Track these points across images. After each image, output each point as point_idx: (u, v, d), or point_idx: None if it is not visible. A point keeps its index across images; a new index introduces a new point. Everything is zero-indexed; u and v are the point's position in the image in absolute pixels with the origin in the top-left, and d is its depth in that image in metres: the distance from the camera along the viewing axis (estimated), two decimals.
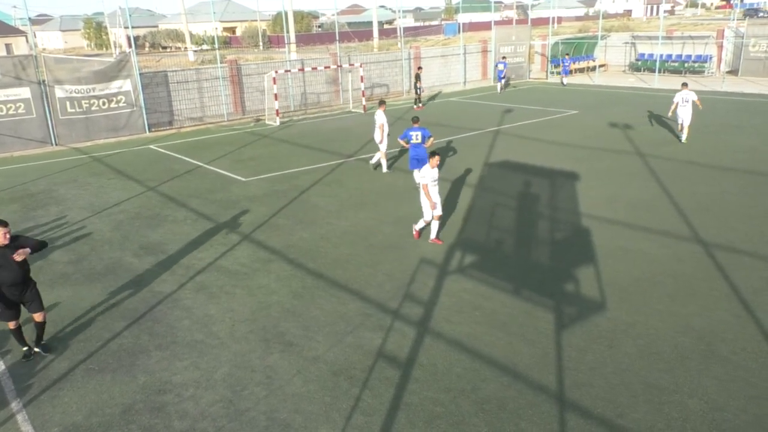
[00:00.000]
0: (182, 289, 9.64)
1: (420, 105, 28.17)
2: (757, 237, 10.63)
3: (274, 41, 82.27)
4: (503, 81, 32.38)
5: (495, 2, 43.32)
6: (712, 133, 19.34)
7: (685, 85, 18.40)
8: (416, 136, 13.90)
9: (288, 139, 21.94)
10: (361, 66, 28.27)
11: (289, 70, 27.70)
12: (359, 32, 73.28)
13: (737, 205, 12.38)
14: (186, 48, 61.24)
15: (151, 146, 21.54)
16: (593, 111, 24.59)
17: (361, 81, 28.04)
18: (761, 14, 38.00)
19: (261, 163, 18.14)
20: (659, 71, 33.93)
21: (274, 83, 25.28)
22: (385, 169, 16.35)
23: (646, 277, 9.29)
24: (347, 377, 7.08)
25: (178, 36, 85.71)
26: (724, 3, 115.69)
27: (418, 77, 28.43)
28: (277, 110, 25.37)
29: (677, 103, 18.08)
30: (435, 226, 10.99)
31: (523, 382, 6.83)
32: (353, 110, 28.12)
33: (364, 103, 27.89)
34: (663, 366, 6.99)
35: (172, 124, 25.35)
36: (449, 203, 13.36)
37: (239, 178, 16.45)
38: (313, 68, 28.62)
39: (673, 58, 36.71)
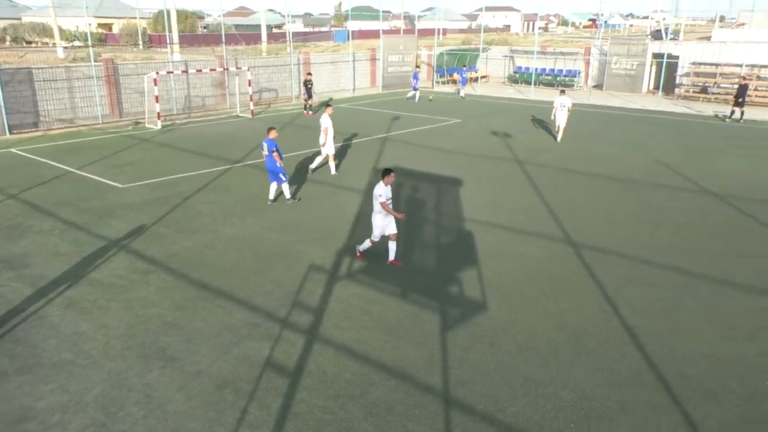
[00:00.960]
0: (49, 306, 8.87)
1: (310, 112, 27.37)
2: (619, 237, 11.59)
3: (155, 41, 78.40)
4: (417, 91, 31.76)
5: (383, 11, 44.16)
6: (581, 142, 20.87)
7: (563, 92, 21.17)
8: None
9: (170, 143, 20.96)
10: (249, 70, 27.66)
11: (172, 72, 26.51)
12: (247, 35, 71.72)
13: (602, 209, 13.43)
14: (54, 44, 56.82)
15: (13, 150, 19.70)
16: (476, 120, 25.70)
17: (249, 85, 27.42)
18: (672, 36, 41.52)
19: (140, 168, 17.18)
20: (535, 84, 36.16)
21: (155, 85, 24.02)
22: (333, 171, 16.44)
23: (524, 278, 9.82)
24: (233, 390, 6.84)
25: (45, 30, 79.16)
26: (590, 23, 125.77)
27: (306, 83, 27.73)
28: (158, 113, 24.14)
29: (557, 108, 20.74)
30: (393, 247, 10.34)
31: (410, 383, 6.96)
32: (241, 115, 27.43)
33: (252, 107, 27.29)
34: (539, 361, 7.40)
35: (38, 125, 23.34)
36: (340, 209, 13.38)
37: (116, 184, 15.46)
38: (197, 70, 27.59)
39: (547, 71, 39.28)
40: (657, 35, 44.97)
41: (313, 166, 16.59)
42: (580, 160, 18.07)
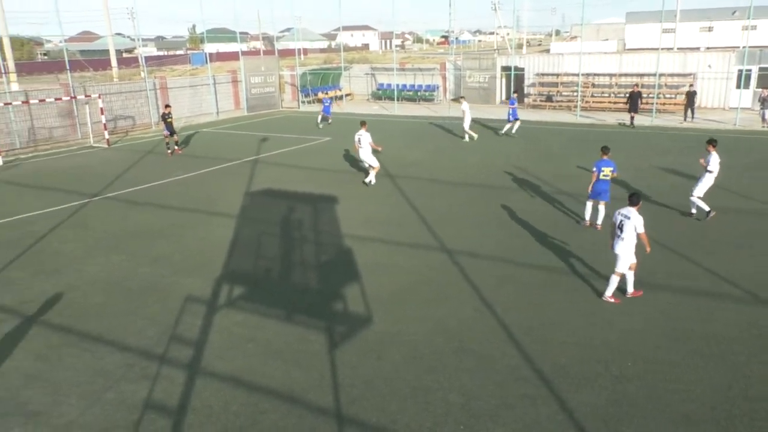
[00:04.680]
0: None
1: (176, 148, 23.36)
2: (487, 241, 12.29)
3: None
4: (328, 116, 30.17)
5: (241, 33, 43.54)
6: (445, 153, 21.90)
7: (462, 98, 25.24)
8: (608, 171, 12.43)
9: (15, 180, 19.11)
10: (100, 97, 25.96)
11: (10, 103, 24.21)
12: (94, 61, 67.38)
13: (469, 215, 14.17)
14: None
15: None
16: (344, 138, 26.00)
17: (102, 113, 25.73)
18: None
19: None
20: (397, 99, 37.43)
21: None
22: (371, 180, 17.12)
23: (403, 288, 10.09)
24: None
25: None
26: (443, 40, 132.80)
27: (165, 117, 22.94)
28: None
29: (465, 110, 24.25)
30: (631, 277, 9.39)
31: (302, 407, 6.87)
32: (95, 145, 25.65)
33: (107, 136, 25.62)
34: (425, 367, 7.63)
35: None
36: (213, 237, 12.93)
37: None
38: (40, 100, 25.43)
39: (408, 87, 40.84)
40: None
41: (370, 180, 17.22)
42: (447, 171, 18.95)
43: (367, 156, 16.99)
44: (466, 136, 24.62)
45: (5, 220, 14.42)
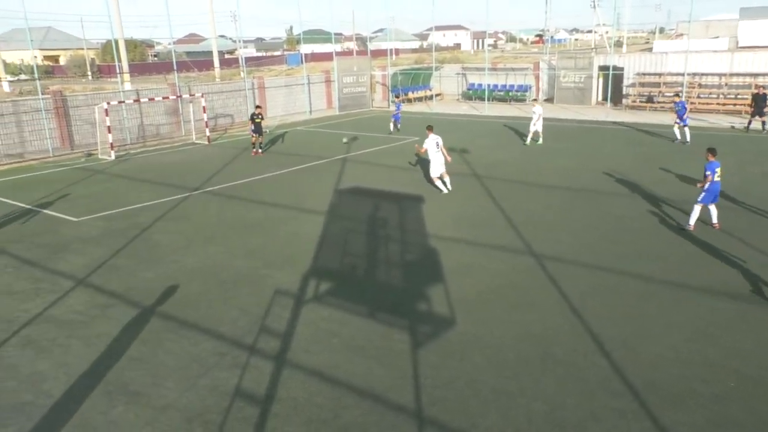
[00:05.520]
0: (5, 347, 8.52)
1: (259, 151, 23.39)
2: (578, 246, 11.85)
3: (104, 71, 77.03)
4: (398, 123, 27.92)
5: (335, 34, 44.55)
6: (535, 154, 21.35)
7: (534, 100, 24.16)
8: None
9: (125, 174, 20.55)
10: (202, 96, 27.43)
11: (123, 101, 26.07)
12: (199, 62, 71.24)
13: (560, 219, 13.73)
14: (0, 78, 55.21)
15: None
16: None
17: (204, 112, 27.17)
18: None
19: (95, 200, 16.76)
20: (488, 99, 36.92)
21: (107, 115, 23.57)
22: (444, 188, 16.32)
23: (488, 291, 9.94)
24: (202, 422, 6.69)
25: None
26: (537, 39, 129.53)
27: (254, 117, 23.13)
28: (111, 144, 23.65)
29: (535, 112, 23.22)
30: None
31: (383, 404, 6.93)
32: (197, 141, 27.12)
33: (208, 134, 27.02)
34: (509, 373, 7.48)
35: None
36: (303, 233, 13.31)
37: (70, 218, 15.04)
38: (150, 99, 27.20)
39: (499, 87, 40.18)
40: None
41: (448, 188, 16.34)
42: (536, 172, 18.47)
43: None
44: (528, 138, 23.70)
45: (115, 211, 15.54)
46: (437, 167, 16.27)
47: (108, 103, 24.03)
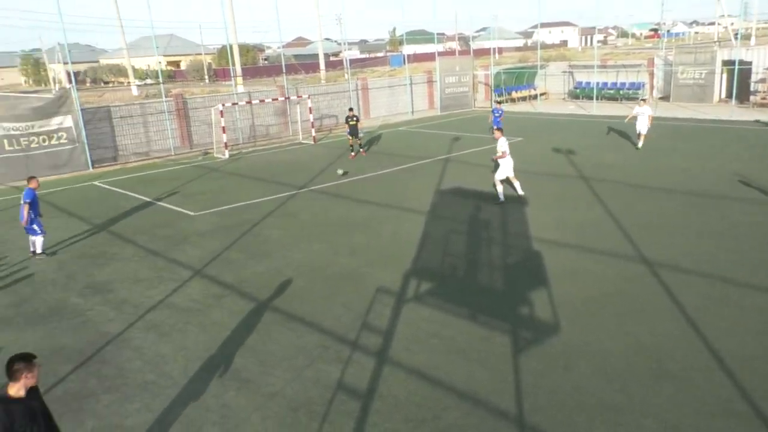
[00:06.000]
0: (132, 329, 9.30)
1: (356, 151, 23.42)
2: (697, 254, 11.09)
3: (219, 74, 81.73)
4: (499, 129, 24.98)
5: (438, 34, 44.52)
6: (649, 156, 20.22)
7: (643, 101, 22.27)
8: None
9: (237, 171, 21.71)
10: (309, 98, 28.41)
11: (237, 103, 27.56)
12: (306, 64, 73.75)
13: (676, 225, 12.91)
14: (129, 82, 60.12)
15: (95, 183, 20.92)
16: (537, 137, 25.37)
17: (310, 112, 28.15)
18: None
19: (210, 196, 17.86)
20: (596, 98, 35.41)
21: (222, 116, 25.07)
22: (518, 191, 15.58)
23: (595, 297, 9.55)
24: (306, 412, 6.94)
25: (120, 71, 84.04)
26: (652, 33, 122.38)
27: (348, 120, 23.04)
28: (225, 143, 25.12)
29: (635, 115, 21.53)
30: None
31: (483, 408, 6.86)
32: (303, 141, 28.14)
33: (313, 134, 27.96)
34: (617, 385, 7.15)
35: (117, 159, 24.73)
36: (405, 232, 13.44)
37: (188, 212, 16.13)
38: (260, 101, 28.59)
39: (609, 85, 38.41)
40: None
41: (520, 193, 15.60)
42: (650, 175, 17.49)
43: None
44: (640, 142, 21.42)
45: (228, 207, 16.47)
46: (509, 169, 15.43)
47: (223, 105, 25.54)
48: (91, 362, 8.34)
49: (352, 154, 23.21)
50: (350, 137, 23.23)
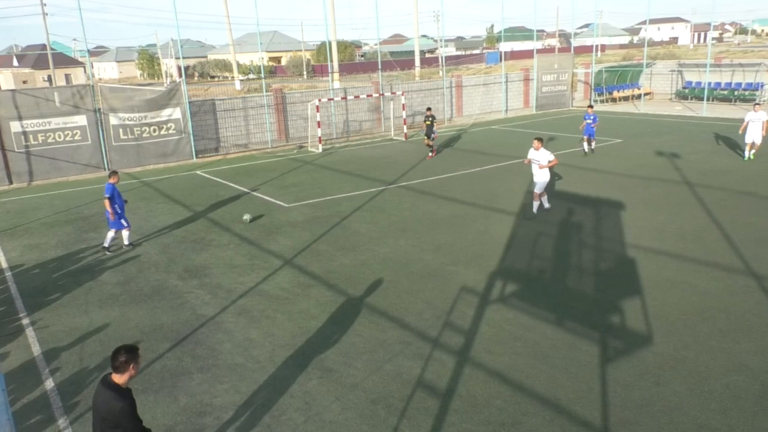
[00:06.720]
0: (224, 313, 9.78)
1: (430, 154, 22.80)
2: None
3: (317, 70, 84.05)
4: (592, 139, 21.83)
5: (537, 31, 43.35)
6: (765, 163, 18.71)
7: (757, 105, 19.69)
8: None
9: (330, 165, 22.23)
10: (403, 94, 28.57)
11: (332, 99, 28.20)
12: (401, 61, 74.19)
13: None
14: (233, 77, 63.08)
15: (198, 172, 22.14)
16: (638, 140, 24.17)
17: (403, 109, 28.31)
18: None
19: (303, 189, 18.42)
20: (707, 99, 33.17)
21: (317, 111, 25.78)
22: (535, 210, 14.35)
23: (695, 311, 8.97)
24: (385, 406, 7.01)
25: (225, 66, 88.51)
26: None
27: (426, 120, 22.88)
28: (319, 137, 25.80)
29: (747, 123, 19.10)
30: None
31: (566, 417, 6.64)
32: (395, 138, 28.35)
33: (405, 131, 28.10)
34: (715, 406, 6.69)
35: (219, 150, 26.04)
36: (492, 232, 13.25)
37: (282, 203, 16.72)
38: (355, 96, 29.08)
39: (722, 86, 35.88)
40: None
41: (546, 205, 14.54)
42: (764, 182, 16.17)
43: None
44: (747, 152, 19.34)
45: (319, 200, 16.91)
46: (543, 184, 14.12)
47: (319, 100, 26.23)
48: (186, 342, 8.85)
49: (430, 154, 22.83)
50: (425, 137, 22.96)
